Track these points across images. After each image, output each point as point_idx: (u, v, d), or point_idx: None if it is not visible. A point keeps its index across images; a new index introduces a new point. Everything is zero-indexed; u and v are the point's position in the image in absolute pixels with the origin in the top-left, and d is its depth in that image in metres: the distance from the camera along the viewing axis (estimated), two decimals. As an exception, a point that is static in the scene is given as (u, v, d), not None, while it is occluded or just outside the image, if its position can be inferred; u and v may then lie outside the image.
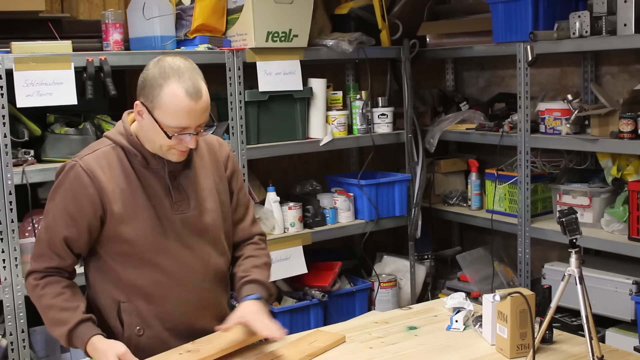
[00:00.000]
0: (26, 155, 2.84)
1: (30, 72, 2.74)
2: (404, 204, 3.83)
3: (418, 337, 2.15)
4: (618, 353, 2.03)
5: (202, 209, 2.10)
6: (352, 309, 3.64)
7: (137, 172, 2.03)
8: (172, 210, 2.05)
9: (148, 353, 2.01)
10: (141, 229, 2.01)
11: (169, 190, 2.05)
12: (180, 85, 1.91)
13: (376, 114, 3.81)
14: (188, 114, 1.92)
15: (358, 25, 3.74)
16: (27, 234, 2.83)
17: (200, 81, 1.96)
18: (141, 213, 2.01)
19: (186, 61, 1.98)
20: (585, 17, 3.16)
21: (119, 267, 2.03)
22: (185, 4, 3.28)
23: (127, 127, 2.05)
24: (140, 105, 1.97)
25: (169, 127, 1.94)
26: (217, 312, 2.16)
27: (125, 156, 2.03)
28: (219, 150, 2.21)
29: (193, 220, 2.08)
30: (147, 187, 2.03)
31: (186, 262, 2.07)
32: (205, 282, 2.11)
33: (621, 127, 3.04)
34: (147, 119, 1.97)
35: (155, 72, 1.94)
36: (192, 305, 2.09)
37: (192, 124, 1.95)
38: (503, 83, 4.24)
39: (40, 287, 2.01)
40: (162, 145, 1.98)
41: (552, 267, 3.46)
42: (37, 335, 3.07)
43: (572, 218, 1.89)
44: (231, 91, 3.25)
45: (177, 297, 2.06)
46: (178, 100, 1.91)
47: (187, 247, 2.07)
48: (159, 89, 1.92)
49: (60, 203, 1.99)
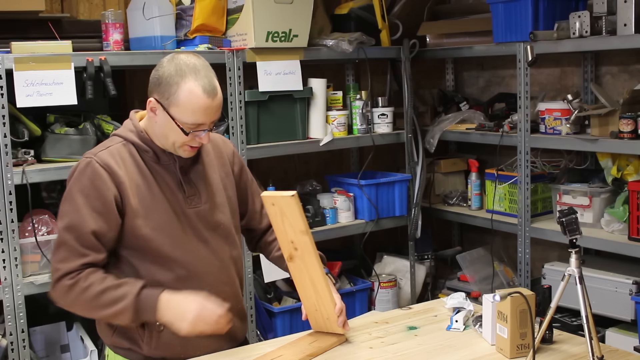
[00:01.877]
0: (26, 155, 2.84)
1: (30, 72, 2.75)
2: (404, 204, 3.83)
3: (418, 337, 2.15)
4: (618, 353, 2.03)
5: (213, 204, 2.12)
6: (352, 309, 3.64)
7: (150, 167, 2.04)
8: (186, 204, 2.06)
9: (169, 349, 2.01)
10: (158, 223, 2.01)
11: (181, 185, 2.06)
12: (198, 82, 1.94)
13: (376, 114, 3.81)
14: (205, 110, 1.95)
15: (358, 25, 3.74)
16: (27, 234, 2.83)
17: (214, 78, 1.99)
18: (157, 207, 2.02)
19: (199, 59, 2.01)
20: (585, 17, 3.16)
21: (138, 263, 2.02)
22: (185, 4, 3.28)
23: (136, 124, 2.06)
24: (154, 102, 1.98)
25: (186, 124, 1.96)
26: (234, 304, 2.16)
27: (137, 152, 2.03)
28: (223, 147, 2.24)
29: (206, 214, 2.09)
30: (160, 182, 2.04)
31: (203, 256, 2.08)
32: (222, 275, 2.12)
33: (621, 127, 3.04)
34: (162, 115, 1.98)
35: (171, 70, 1.96)
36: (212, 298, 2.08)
37: (208, 121, 1.98)
38: (503, 83, 4.24)
39: (82, 280, 1.93)
40: (176, 141, 1.99)
41: (552, 267, 3.46)
42: (37, 335, 3.07)
43: (572, 218, 1.89)
44: (231, 91, 3.25)
45: (196, 290, 2.04)
46: (196, 98, 1.94)
47: (203, 241, 2.08)
48: (176, 87, 1.94)
49: (83, 200, 1.95)
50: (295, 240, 2.00)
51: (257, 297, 3.44)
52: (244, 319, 2.25)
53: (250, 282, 3.36)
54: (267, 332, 3.44)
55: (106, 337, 2.11)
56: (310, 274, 2.04)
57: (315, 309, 2.11)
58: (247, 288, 3.35)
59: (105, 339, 2.13)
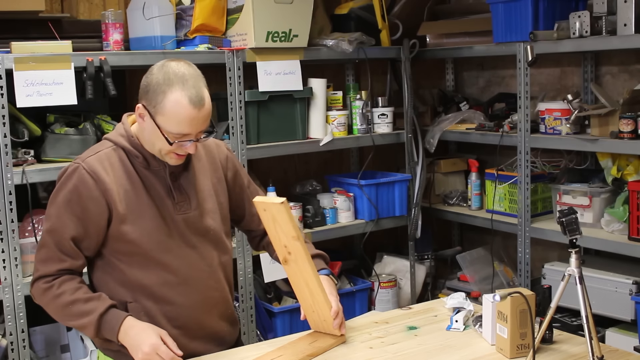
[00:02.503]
0: (26, 155, 2.84)
1: (30, 72, 2.74)
2: (404, 204, 3.83)
3: (418, 337, 2.15)
4: (618, 353, 2.03)
5: (202, 210, 2.11)
6: (352, 309, 3.64)
7: (139, 173, 2.04)
8: (175, 210, 2.06)
9: None
10: (146, 228, 2.01)
11: (170, 191, 2.06)
12: (184, 93, 1.92)
13: (376, 114, 3.81)
14: (190, 121, 1.94)
15: (358, 25, 3.74)
16: (27, 234, 2.83)
17: (203, 89, 1.97)
18: (145, 213, 2.02)
19: (190, 67, 1.99)
20: (585, 17, 3.16)
21: (125, 267, 2.03)
22: (185, 4, 3.27)
23: (127, 129, 2.06)
24: (142, 109, 1.98)
25: (171, 134, 1.95)
26: (223, 310, 2.17)
27: (127, 157, 2.03)
28: (216, 152, 2.22)
29: (195, 220, 2.09)
30: (149, 187, 2.04)
31: (191, 261, 2.08)
32: (211, 281, 2.12)
33: (621, 127, 3.04)
34: (149, 123, 1.97)
35: (159, 78, 1.95)
36: (199, 304, 2.09)
37: (194, 131, 1.97)
38: (503, 83, 4.24)
39: (55, 287, 2.00)
40: (162, 149, 1.99)
41: (552, 267, 3.46)
42: (37, 335, 3.07)
43: (572, 218, 1.89)
44: (231, 91, 3.25)
45: (184, 296, 2.06)
46: (181, 108, 1.92)
47: (191, 247, 2.08)
48: (162, 96, 1.93)
49: (65, 205, 1.98)
50: (288, 245, 2.00)
51: (257, 297, 3.44)
52: (234, 323, 2.25)
53: (250, 282, 3.36)
54: (267, 332, 3.44)
55: (96, 340, 2.11)
56: (305, 277, 2.04)
57: (312, 311, 2.11)
58: (247, 288, 3.35)
59: (95, 342, 2.13)
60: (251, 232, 2.37)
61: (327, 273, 2.20)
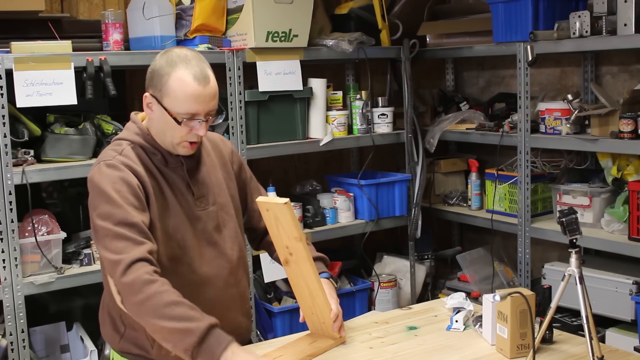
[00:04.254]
0: (26, 155, 2.84)
1: (30, 72, 2.75)
2: (404, 204, 3.83)
3: (418, 337, 2.15)
4: (618, 353, 2.03)
5: (219, 205, 2.11)
6: (352, 309, 3.64)
7: (160, 170, 2.02)
8: (196, 206, 2.05)
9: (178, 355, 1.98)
10: (172, 226, 1.99)
11: (189, 187, 2.04)
12: (188, 71, 1.92)
13: (376, 114, 3.81)
14: (197, 98, 1.93)
15: (358, 25, 3.74)
16: (27, 234, 2.82)
17: (207, 68, 1.97)
18: (171, 210, 2.00)
19: (193, 51, 1.99)
20: (585, 17, 3.16)
21: None
22: (185, 4, 3.28)
23: (141, 127, 2.03)
24: (149, 97, 1.97)
25: (179, 114, 1.94)
26: (242, 305, 2.17)
27: (146, 155, 2.01)
28: (222, 147, 2.22)
29: (214, 216, 2.08)
30: (171, 184, 2.02)
31: (212, 259, 2.06)
32: (231, 277, 2.11)
33: (621, 127, 3.04)
34: (157, 109, 1.97)
35: (162, 62, 1.95)
36: (220, 301, 2.07)
37: (201, 110, 1.95)
38: (503, 83, 4.24)
39: (160, 283, 1.82)
40: (174, 136, 1.97)
41: (552, 267, 3.47)
42: (37, 335, 3.07)
43: (572, 218, 1.89)
44: (231, 91, 3.25)
45: (207, 294, 2.03)
46: (185, 86, 1.92)
47: (212, 244, 2.07)
48: (167, 77, 1.93)
49: (117, 195, 1.88)
50: (289, 246, 1.99)
51: (257, 297, 3.44)
52: (250, 318, 2.25)
53: (250, 282, 3.36)
54: (267, 332, 3.44)
55: (113, 342, 2.08)
56: (305, 279, 2.04)
57: (312, 312, 2.11)
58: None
59: (112, 344, 2.09)
60: (252, 230, 2.35)
61: (327, 276, 2.19)
